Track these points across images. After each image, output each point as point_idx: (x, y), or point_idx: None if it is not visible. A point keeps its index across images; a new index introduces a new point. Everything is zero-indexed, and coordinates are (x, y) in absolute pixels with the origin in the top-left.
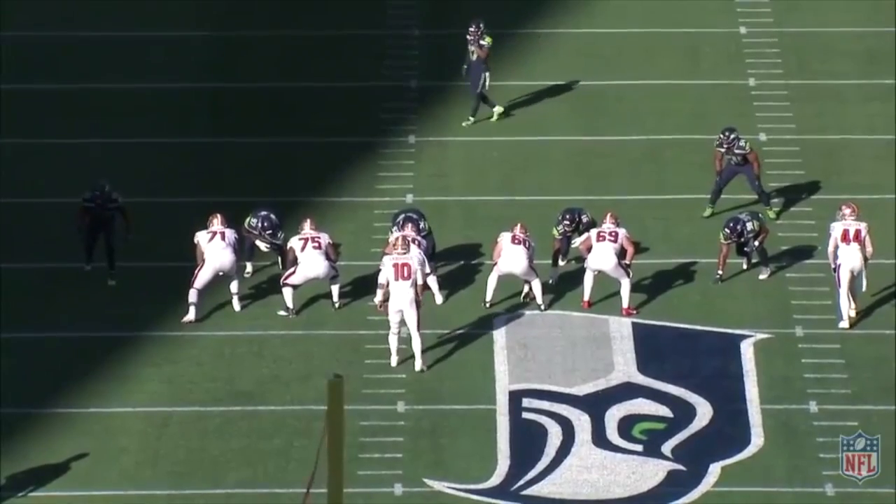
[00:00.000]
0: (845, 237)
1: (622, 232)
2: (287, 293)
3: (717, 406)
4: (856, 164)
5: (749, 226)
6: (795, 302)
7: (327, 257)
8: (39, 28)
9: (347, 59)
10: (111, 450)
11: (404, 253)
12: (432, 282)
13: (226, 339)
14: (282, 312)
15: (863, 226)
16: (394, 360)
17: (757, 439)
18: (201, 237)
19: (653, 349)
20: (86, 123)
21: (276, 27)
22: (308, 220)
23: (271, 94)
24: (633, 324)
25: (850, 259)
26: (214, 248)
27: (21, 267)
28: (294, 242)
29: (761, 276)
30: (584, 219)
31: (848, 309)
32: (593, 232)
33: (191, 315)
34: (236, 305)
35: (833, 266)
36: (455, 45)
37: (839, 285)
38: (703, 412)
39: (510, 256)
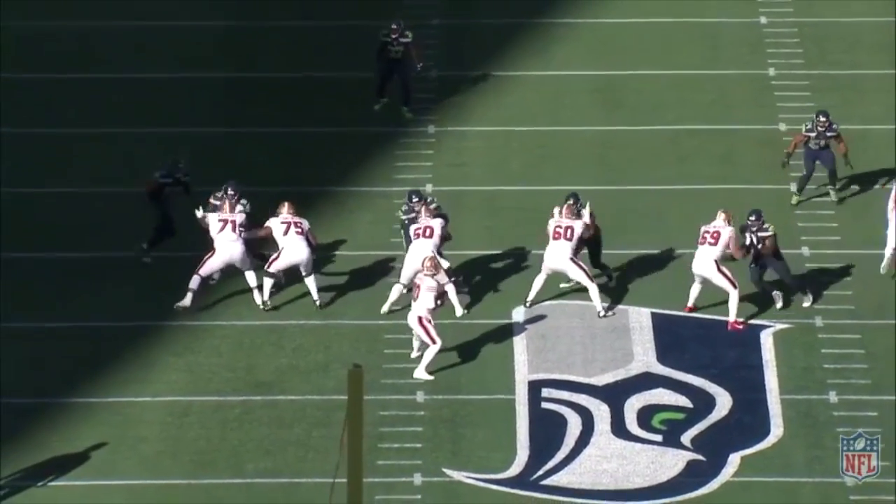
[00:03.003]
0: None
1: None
2: (268, 283)
3: (736, 396)
4: (876, 153)
5: (761, 234)
6: (815, 293)
7: (309, 243)
8: (55, 18)
9: (366, 49)
10: (131, 439)
11: (432, 275)
12: (451, 291)
13: (245, 329)
14: (258, 302)
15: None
16: (415, 353)
17: (776, 429)
18: (211, 221)
19: (672, 339)
20: (106, 113)
21: (295, 17)
22: (286, 204)
23: (290, 85)
24: (653, 314)
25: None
26: (224, 240)
27: (42, 256)
28: (274, 224)
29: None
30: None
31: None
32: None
33: (186, 301)
34: (257, 298)
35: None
36: (475, 35)
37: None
38: (723, 402)
39: (551, 252)
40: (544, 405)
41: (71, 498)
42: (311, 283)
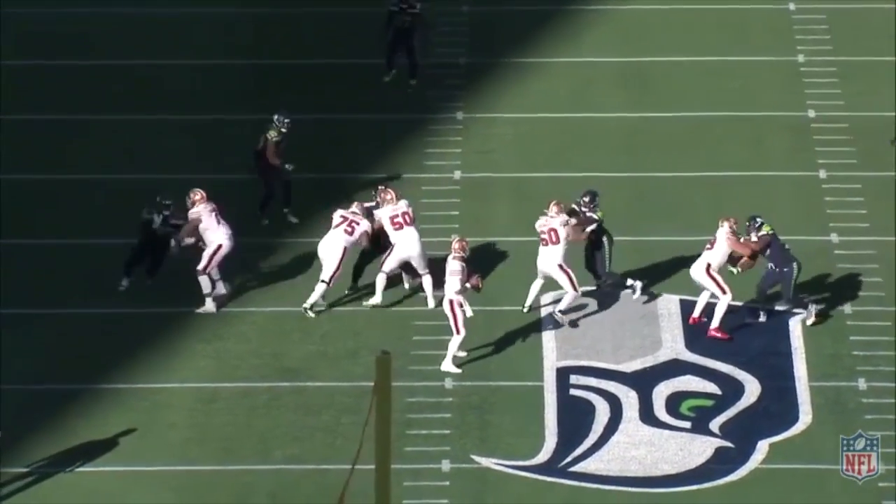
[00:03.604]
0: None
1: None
2: (319, 289)
3: (765, 383)
4: None
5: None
6: (844, 279)
7: (343, 249)
8: (76, 5)
9: None
10: (159, 425)
11: (460, 258)
12: (427, 282)
13: (273, 316)
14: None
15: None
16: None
17: (805, 416)
18: (203, 214)
19: (701, 326)
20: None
21: (323, 3)
22: (356, 204)
23: (318, 71)
24: (681, 301)
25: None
26: (224, 232)
27: (70, 243)
28: (335, 216)
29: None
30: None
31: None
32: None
33: (210, 306)
34: (209, 305)
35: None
36: (504, 22)
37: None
38: (752, 389)
39: (541, 257)
40: (573, 392)
41: (99, 484)
42: (319, 286)
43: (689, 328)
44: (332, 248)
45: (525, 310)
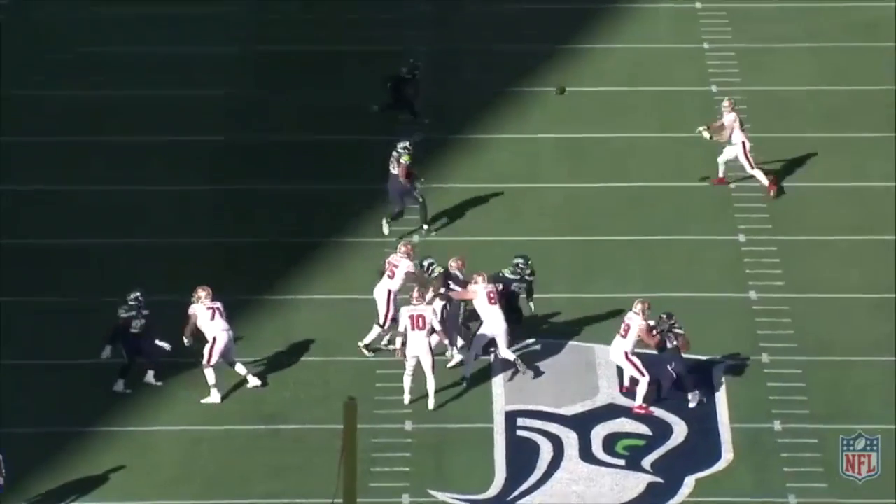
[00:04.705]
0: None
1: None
2: (374, 331)
3: (691, 425)
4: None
5: (676, 331)
6: (761, 332)
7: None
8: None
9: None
10: (148, 465)
11: (419, 304)
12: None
13: (252, 366)
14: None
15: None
16: (406, 399)
17: (727, 454)
18: (200, 312)
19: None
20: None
21: (336, 42)
22: (401, 245)
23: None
24: None
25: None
26: (219, 326)
27: (60, 300)
28: (386, 262)
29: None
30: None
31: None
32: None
33: (215, 397)
34: (251, 380)
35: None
36: (454, 101)
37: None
38: (679, 430)
39: (491, 319)
40: (519, 433)
41: None
42: (374, 328)
43: (623, 376)
44: (378, 293)
45: (466, 378)
